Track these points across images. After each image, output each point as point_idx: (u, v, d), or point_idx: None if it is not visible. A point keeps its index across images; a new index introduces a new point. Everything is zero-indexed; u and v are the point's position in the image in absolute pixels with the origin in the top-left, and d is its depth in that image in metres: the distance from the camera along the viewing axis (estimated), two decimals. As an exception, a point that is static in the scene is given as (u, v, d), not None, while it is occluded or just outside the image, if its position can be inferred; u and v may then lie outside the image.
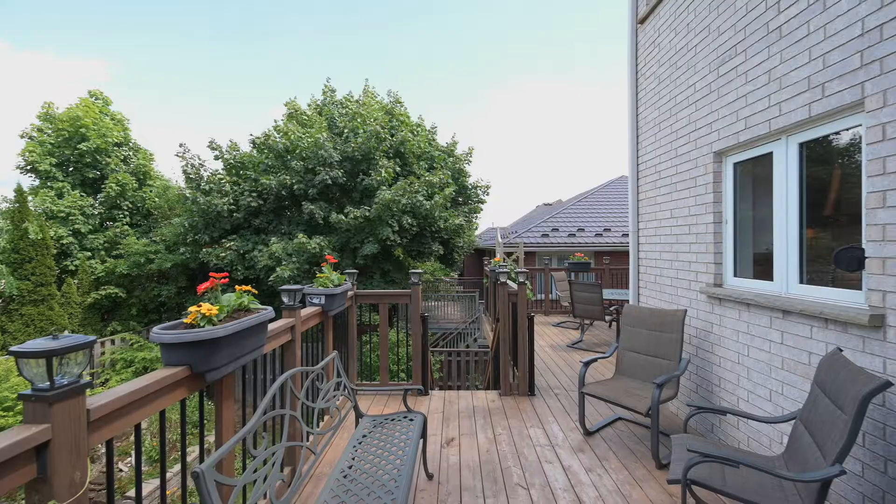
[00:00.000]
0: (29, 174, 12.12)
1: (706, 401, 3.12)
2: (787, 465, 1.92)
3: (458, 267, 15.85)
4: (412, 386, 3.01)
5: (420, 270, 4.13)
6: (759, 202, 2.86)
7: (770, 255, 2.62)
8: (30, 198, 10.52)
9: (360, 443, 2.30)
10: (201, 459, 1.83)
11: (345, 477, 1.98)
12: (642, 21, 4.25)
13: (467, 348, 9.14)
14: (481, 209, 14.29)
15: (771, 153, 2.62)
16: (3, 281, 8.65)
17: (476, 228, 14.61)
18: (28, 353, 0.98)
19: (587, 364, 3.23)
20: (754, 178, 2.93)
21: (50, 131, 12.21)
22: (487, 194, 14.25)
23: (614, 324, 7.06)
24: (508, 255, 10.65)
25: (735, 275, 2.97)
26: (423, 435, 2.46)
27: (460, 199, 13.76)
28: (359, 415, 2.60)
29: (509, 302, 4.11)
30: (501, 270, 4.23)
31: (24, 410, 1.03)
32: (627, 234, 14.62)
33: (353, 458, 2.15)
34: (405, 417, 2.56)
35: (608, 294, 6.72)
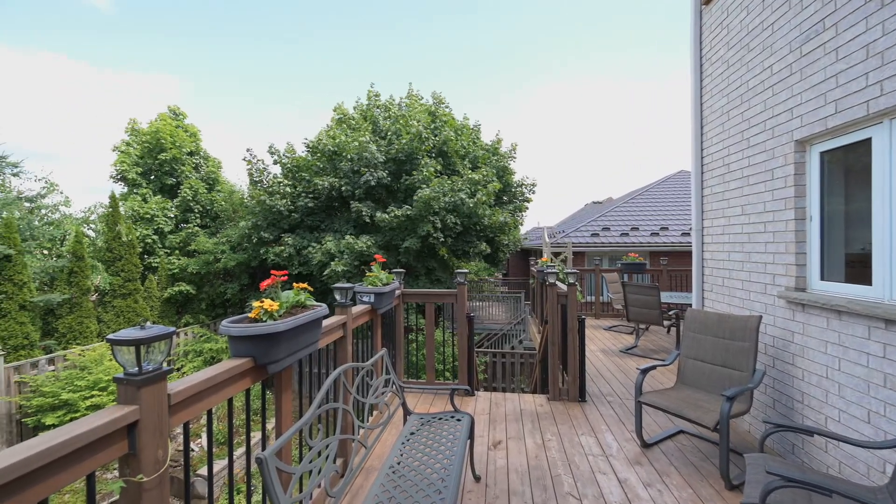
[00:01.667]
0: (119, 182, 13.74)
1: (786, 418, 2.80)
2: (893, 497, 1.66)
3: (502, 267, 15.66)
4: (459, 386, 3.00)
5: (465, 270, 4.12)
6: (853, 195, 2.51)
7: (867, 255, 2.29)
8: (120, 203, 11.89)
9: (408, 440, 2.33)
10: (263, 445, 1.94)
11: (394, 472, 2.01)
12: (708, 1, 3.92)
13: (512, 350, 8.99)
14: (527, 208, 13.99)
15: (869, 139, 2.29)
16: (101, 277, 9.85)
17: (521, 225, 14.31)
18: (121, 341, 1.08)
19: (645, 371, 3.03)
20: (846, 168, 2.58)
21: (135, 144, 13.75)
22: (533, 192, 13.93)
23: (673, 329, 6.59)
24: (556, 255, 10.33)
25: (822, 278, 2.64)
26: (471, 436, 2.43)
27: (505, 198, 13.57)
28: (407, 412, 2.63)
29: (558, 304, 3.97)
30: (550, 271, 4.10)
31: (118, 392, 1.15)
32: (688, 233, 13.60)
33: (402, 455, 2.18)
34: (452, 417, 2.55)
35: (666, 297, 6.28)
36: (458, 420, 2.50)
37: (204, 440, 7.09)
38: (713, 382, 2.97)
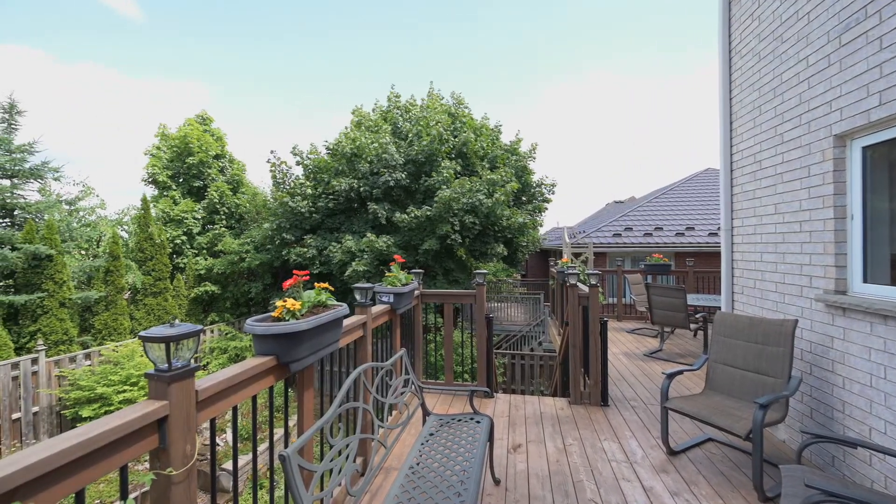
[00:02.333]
0: (150, 185, 14.33)
1: (824, 428, 2.65)
2: (948, 517, 1.54)
3: (521, 268, 15.50)
4: (478, 388, 2.98)
5: (484, 271, 4.09)
6: (900, 193, 2.36)
7: (917, 256, 2.15)
8: (151, 205, 12.40)
9: (427, 440, 2.32)
10: (285, 442, 1.98)
11: (413, 473, 2.01)
12: (738, -8, 3.77)
13: (532, 352, 8.88)
14: (546, 208, 13.80)
15: (918, 132, 2.14)
16: (134, 276, 10.30)
17: (541, 226, 14.12)
18: (152, 338, 1.12)
19: (671, 376, 2.93)
20: (891, 163, 2.42)
21: (165, 148, 14.31)
22: (553, 192, 13.73)
23: (701, 333, 6.38)
24: (576, 255, 10.15)
25: (865, 280, 2.49)
26: (490, 438, 2.41)
27: (524, 198, 13.43)
28: (426, 413, 2.63)
29: (579, 305, 3.89)
30: (570, 272, 4.02)
31: (149, 387, 1.19)
32: (715, 233, 13.10)
33: (421, 455, 2.17)
34: (472, 419, 2.53)
35: (693, 299, 6.07)
36: (478, 422, 2.48)
37: (228, 435, 7.30)
38: (745, 389, 2.84)
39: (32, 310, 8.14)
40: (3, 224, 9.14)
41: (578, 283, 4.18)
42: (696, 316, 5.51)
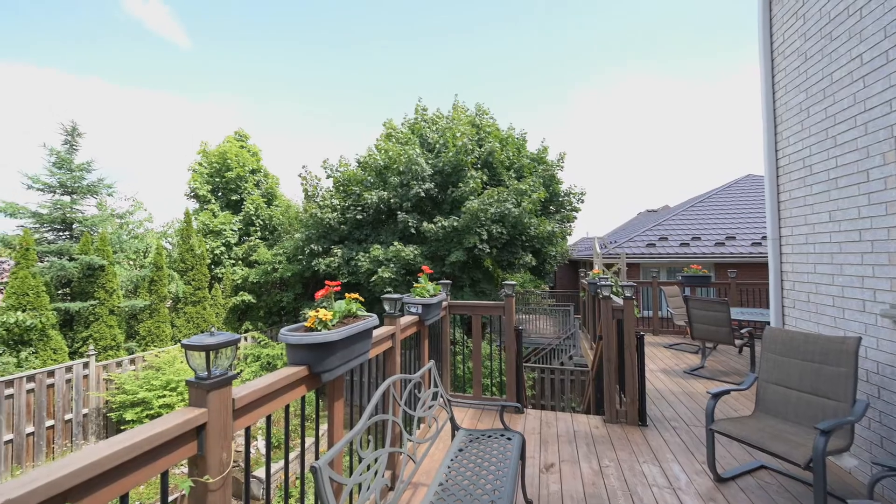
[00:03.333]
0: (192, 199, 15.18)
1: (897, 459, 2.38)
2: None
3: (549, 279, 15.19)
4: (509, 403, 2.89)
5: (513, 282, 4.01)
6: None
7: None
8: (193, 218, 13.10)
9: (456, 456, 2.27)
10: (316, 451, 1.98)
11: (442, 489, 1.96)
12: (780, -9, 3.60)
13: (562, 366, 8.61)
14: (575, 217, 13.52)
15: None
16: (176, 285, 10.86)
17: (570, 234, 13.82)
18: (193, 346, 1.15)
19: (716, 396, 2.74)
20: (968, 165, 2.20)
21: (206, 164, 15.16)
22: (582, 202, 13.45)
23: (746, 349, 5.98)
24: (608, 266, 9.84)
25: (940, 294, 2.25)
26: (522, 456, 2.32)
27: (552, 208, 13.22)
28: (455, 427, 2.57)
29: (614, 319, 3.74)
30: (604, 284, 3.88)
31: (189, 394, 1.22)
32: (759, 243, 12.38)
33: (450, 471, 2.12)
34: (502, 435, 2.46)
35: (737, 313, 5.71)
36: (509, 439, 2.40)
37: (259, 443, 7.45)
38: (801, 412, 2.61)
39: (85, 316, 8.72)
40: (63, 237, 9.90)
41: (612, 296, 4.03)
42: (742, 331, 5.16)
